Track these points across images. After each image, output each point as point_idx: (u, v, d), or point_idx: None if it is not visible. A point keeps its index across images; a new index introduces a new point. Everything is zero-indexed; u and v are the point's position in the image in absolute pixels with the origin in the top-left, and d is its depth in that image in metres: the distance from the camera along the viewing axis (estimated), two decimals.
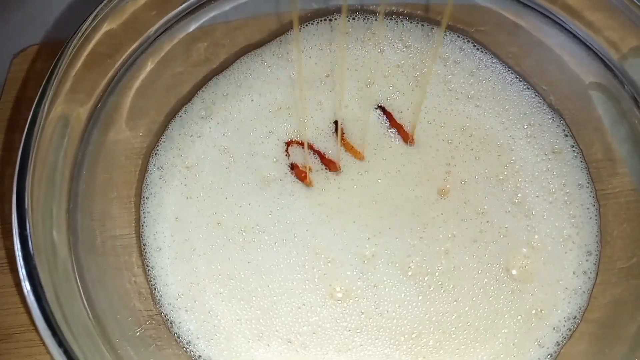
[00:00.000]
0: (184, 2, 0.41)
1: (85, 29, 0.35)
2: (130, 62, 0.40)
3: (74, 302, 0.29)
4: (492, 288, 0.37)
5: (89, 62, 0.35)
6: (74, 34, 0.34)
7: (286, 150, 0.41)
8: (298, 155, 0.41)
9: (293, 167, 0.38)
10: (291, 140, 0.42)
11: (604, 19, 0.39)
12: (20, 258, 0.27)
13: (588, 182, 0.40)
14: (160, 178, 0.41)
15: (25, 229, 0.27)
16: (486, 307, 0.36)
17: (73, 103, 0.35)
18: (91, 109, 0.37)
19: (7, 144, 0.43)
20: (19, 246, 0.27)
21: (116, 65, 0.38)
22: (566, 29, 0.41)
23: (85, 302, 0.30)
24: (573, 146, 0.41)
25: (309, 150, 0.41)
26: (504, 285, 0.37)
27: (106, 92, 0.38)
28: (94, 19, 0.35)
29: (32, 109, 0.32)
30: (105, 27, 0.36)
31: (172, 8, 0.41)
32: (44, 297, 0.26)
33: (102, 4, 0.36)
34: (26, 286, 0.26)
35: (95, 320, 0.30)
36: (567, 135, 0.42)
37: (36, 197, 0.30)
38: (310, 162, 0.41)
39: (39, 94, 0.32)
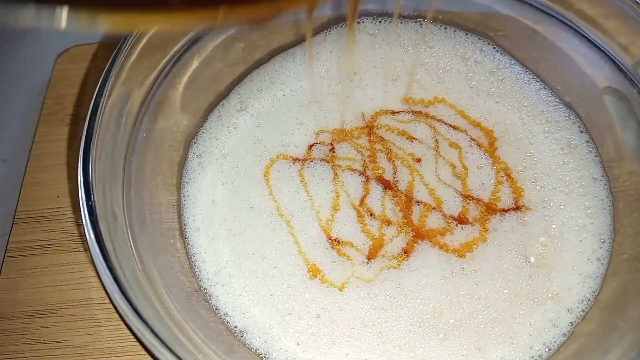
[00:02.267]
0: None
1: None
2: (177, 59, 0.43)
3: (131, 266, 0.32)
4: (511, 273, 0.39)
5: (142, 56, 0.39)
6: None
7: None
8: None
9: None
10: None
11: (617, 25, 0.41)
12: (88, 223, 0.30)
13: (602, 176, 0.42)
14: (199, 165, 0.44)
15: (91, 199, 0.31)
16: (505, 291, 0.39)
17: (127, 92, 0.38)
18: (142, 98, 0.40)
19: (71, 134, 0.47)
20: (86, 214, 0.30)
21: (164, 61, 0.42)
22: (581, 34, 0.44)
23: (139, 266, 0.33)
24: (588, 142, 0.44)
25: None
26: (522, 270, 0.39)
27: (155, 84, 0.42)
28: None
29: (94, 96, 0.35)
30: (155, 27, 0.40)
31: None
32: (108, 257, 0.29)
33: None
34: (94, 249, 0.29)
35: (149, 285, 0.33)
36: (582, 132, 0.44)
37: (99, 172, 0.33)
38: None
39: (99, 83, 0.36)
